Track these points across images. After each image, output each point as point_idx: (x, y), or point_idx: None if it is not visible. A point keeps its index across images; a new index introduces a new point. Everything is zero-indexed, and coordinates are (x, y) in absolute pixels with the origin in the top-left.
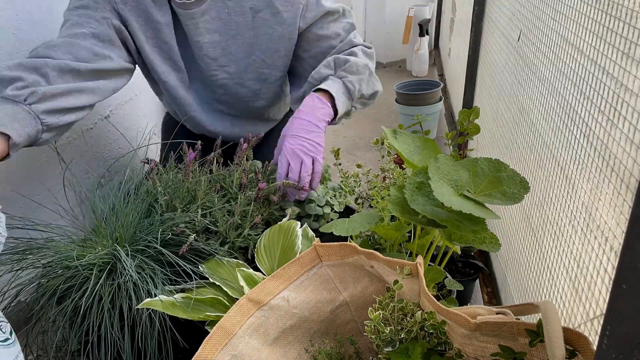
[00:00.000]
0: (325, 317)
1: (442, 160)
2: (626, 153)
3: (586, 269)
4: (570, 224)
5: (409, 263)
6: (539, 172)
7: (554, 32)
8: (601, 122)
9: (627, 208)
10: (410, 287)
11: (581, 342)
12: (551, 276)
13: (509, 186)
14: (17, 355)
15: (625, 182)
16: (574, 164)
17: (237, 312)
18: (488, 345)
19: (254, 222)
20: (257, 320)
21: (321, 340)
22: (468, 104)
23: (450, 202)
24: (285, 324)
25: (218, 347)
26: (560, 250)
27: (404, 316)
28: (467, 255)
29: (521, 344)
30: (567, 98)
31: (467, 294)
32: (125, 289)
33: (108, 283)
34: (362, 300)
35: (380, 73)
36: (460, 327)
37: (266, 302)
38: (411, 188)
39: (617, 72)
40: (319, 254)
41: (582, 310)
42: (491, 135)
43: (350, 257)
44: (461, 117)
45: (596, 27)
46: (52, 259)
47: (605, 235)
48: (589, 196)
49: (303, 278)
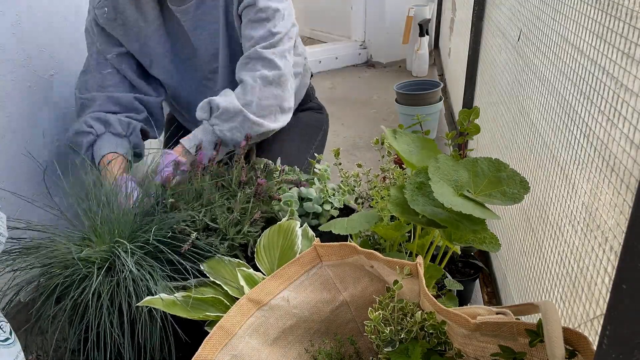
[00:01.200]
0: (325, 317)
1: (442, 161)
2: (626, 153)
3: (586, 268)
4: (570, 224)
5: (409, 263)
6: (539, 172)
7: (554, 32)
8: (601, 122)
9: (627, 208)
10: (410, 287)
11: (581, 342)
12: (551, 276)
13: (509, 186)
14: (17, 355)
15: (625, 182)
16: (574, 164)
17: (237, 312)
18: (488, 345)
19: (253, 218)
20: (257, 320)
21: (321, 340)
22: (468, 104)
23: (451, 202)
24: (285, 324)
25: (218, 347)
26: (560, 251)
27: (404, 316)
28: (467, 255)
29: (521, 344)
30: (567, 98)
31: (467, 294)
32: (124, 285)
33: (107, 280)
34: (362, 300)
35: (380, 73)
36: (460, 327)
37: (266, 302)
38: (411, 188)
39: (617, 72)
40: (319, 254)
41: (582, 311)
42: (491, 135)
43: (350, 257)
44: (461, 117)
45: (596, 27)
46: (52, 258)
47: (605, 235)
48: (589, 196)
49: (303, 278)
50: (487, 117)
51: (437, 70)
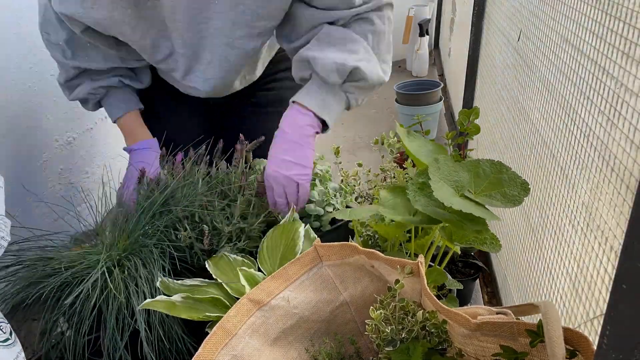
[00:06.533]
0: (326, 317)
1: (443, 161)
2: (626, 153)
3: (586, 269)
4: (571, 224)
5: (411, 262)
6: (539, 172)
7: (554, 32)
8: (601, 122)
9: (627, 208)
10: (411, 286)
11: (582, 343)
12: (551, 276)
13: (509, 188)
14: (17, 355)
15: (626, 182)
16: (574, 164)
17: (237, 312)
18: (489, 345)
19: (254, 224)
20: (258, 321)
21: (321, 340)
22: (468, 104)
23: (451, 202)
24: (285, 324)
25: (218, 347)
26: (560, 251)
27: (405, 315)
28: (467, 255)
29: (522, 344)
30: (567, 98)
31: (468, 294)
32: (125, 286)
33: (111, 280)
34: (363, 301)
35: None
36: (461, 327)
37: (266, 302)
38: (414, 189)
39: (617, 72)
40: (320, 254)
41: (582, 311)
42: (491, 135)
43: (350, 257)
44: (461, 117)
45: (596, 27)
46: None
47: (606, 235)
48: (589, 196)
49: (303, 278)
50: (487, 117)
51: (437, 70)
